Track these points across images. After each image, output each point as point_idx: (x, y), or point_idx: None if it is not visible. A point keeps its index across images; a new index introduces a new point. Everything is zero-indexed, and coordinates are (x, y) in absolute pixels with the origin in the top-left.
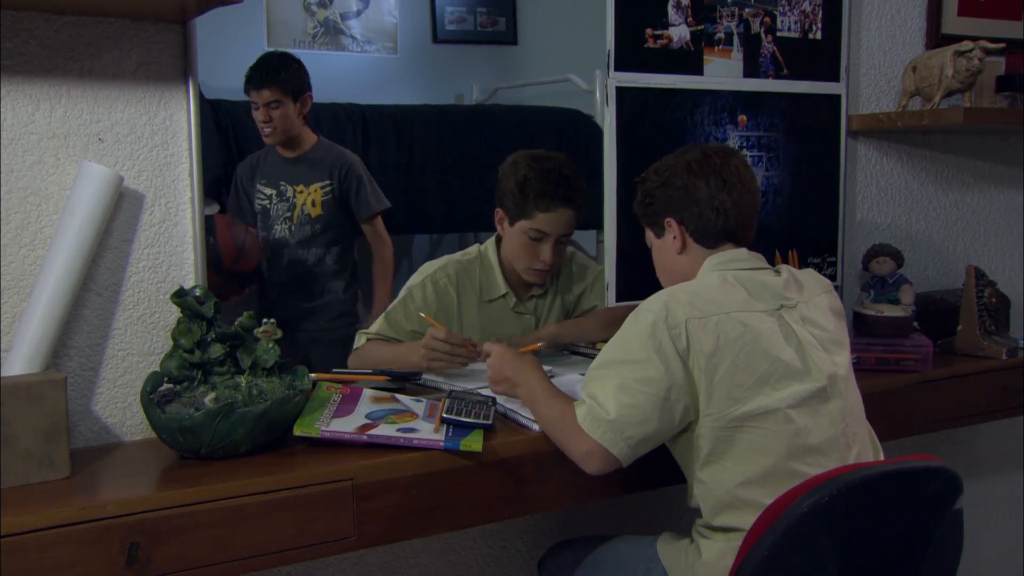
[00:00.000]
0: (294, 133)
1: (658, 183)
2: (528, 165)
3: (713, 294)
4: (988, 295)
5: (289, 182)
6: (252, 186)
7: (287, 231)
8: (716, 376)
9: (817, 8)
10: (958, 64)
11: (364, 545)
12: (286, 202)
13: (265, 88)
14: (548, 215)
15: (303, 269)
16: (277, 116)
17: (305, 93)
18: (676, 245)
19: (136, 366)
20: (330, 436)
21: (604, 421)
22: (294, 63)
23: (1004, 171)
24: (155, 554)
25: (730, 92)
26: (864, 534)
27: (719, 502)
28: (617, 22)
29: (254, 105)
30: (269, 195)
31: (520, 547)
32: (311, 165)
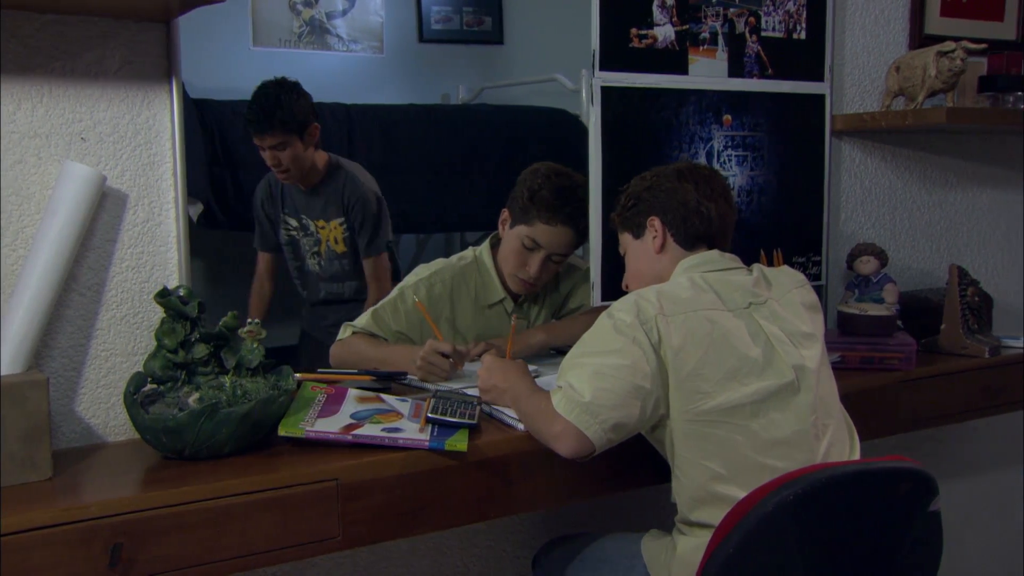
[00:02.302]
0: (306, 168)
1: (644, 186)
2: (546, 176)
3: (682, 294)
4: (971, 294)
5: (309, 216)
6: (276, 214)
7: (317, 266)
8: (683, 371)
9: (801, 8)
10: (941, 64)
11: (349, 545)
12: (311, 236)
13: (266, 133)
14: (547, 228)
15: (341, 299)
16: (286, 157)
17: (310, 125)
18: (655, 244)
19: (119, 366)
20: (315, 436)
21: (579, 403)
22: (292, 94)
23: (987, 171)
24: (138, 555)
25: (715, 92)
26: (832, 534)
27: (693, 498)
28: (602, 22)
29: (260, 148)
30: (295, 227)
31: (506, 547)
32: (328, 199)
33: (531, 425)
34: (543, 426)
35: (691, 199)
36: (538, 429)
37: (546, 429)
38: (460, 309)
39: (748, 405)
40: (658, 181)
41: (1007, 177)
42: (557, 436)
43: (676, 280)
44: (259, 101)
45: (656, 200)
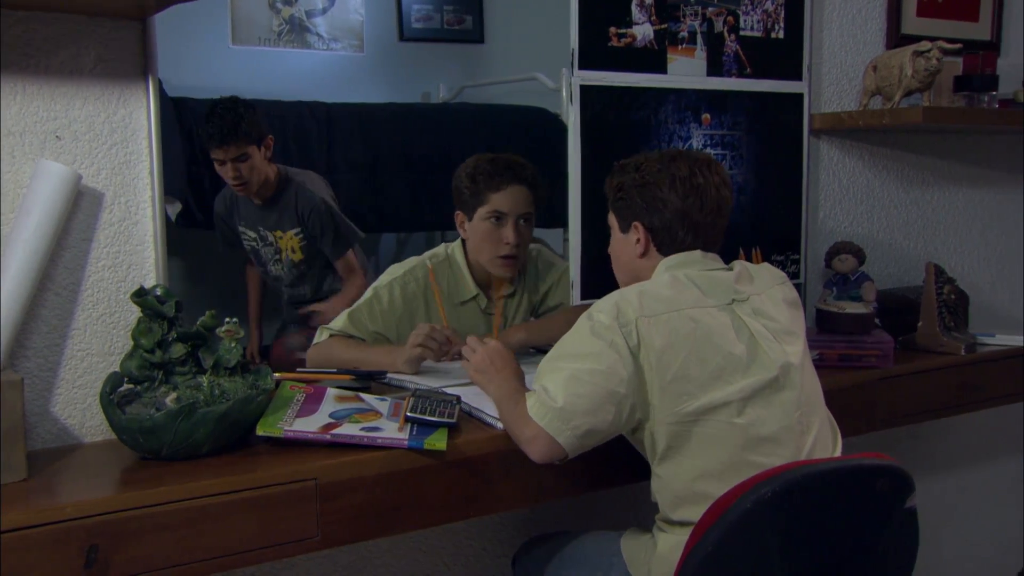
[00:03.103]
0: (263, 178)
1: (638, 182)
2: (475, 161)
3: (664, 293)
4: (947, 292)
5: (266, 227)
6: (234, 224)
7: (281, 271)
8: (669, 373)
9: (779, 8)
10: (917, 64)
11: (328, 545)
12: (270, 246)
13: (230, 144)
14: (501, 194)
15: (306, 299)
16: (246, 169)
17: (267, 136)
18: (638, 249)
19: (96, 366)
20: (293, 436)
21: (551, 409)
22: (249, 108)
23: (963, 170)
24: (114, 557)
25: (694, 91)
26: (809, 530)
27: (676, 496)
28: (581, 21)
29: (219, 162)
30: (253, 237)
31: (486, 545)
32: (281, 211)
33: (508, 426)
34: (517, 429)
35: (678, 211)
36: (513, 432)
37: (519, 432)
38: (434, 307)
39: (734, 403)
40: (650, 182)
41: (983, 176)
42: (529, 440)
43: (657, 278)
44: (220, 115)
45: (645, 206)
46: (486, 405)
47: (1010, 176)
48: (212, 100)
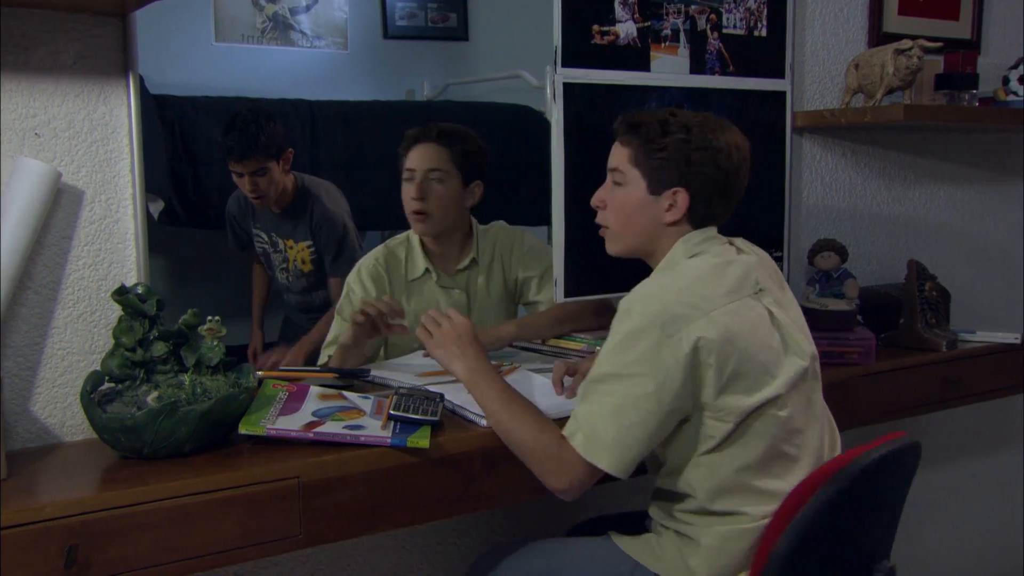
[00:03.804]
0: (280, 190)
1: (690, 146)
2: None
3: (701, 288)
4: (929, 289)
5: (279, 235)
6: (248, 226)
7: (287, 279)
8: (725, 374)
9: (762, 6)
10: (898, 62)
11: (311, 544)
12: (280, 253)
13: (250, 159)
14: (411, 152)
15: (309, 308)
16: (264, 183)
17: (286, 150)
18: (667, 215)
19: (76, 365)
20: (276, 434)
21: (604, 447)
22: (269, 121)
23: (944, 168)
24: (95, 557)
25: (677, 88)
26: (871, 512)
27: (719, 487)
28: (564, 18)
29: (237, 175)
30: (266, 241)
31: (471, 543)
32: (296, 221)
33: (529, 459)
34: (551, 474)
35: (725, 186)
36: (542, 471)
37: (555, 479)
38: (395, 286)
39: (780, 397)
40: (705, 149)
41: (964, 174)
42: (569, 488)
43: (686, 267)
44: (240, 128)
45: (694, 174)
46: (470, 403)
47: (990, 174)
48: (233, 112)
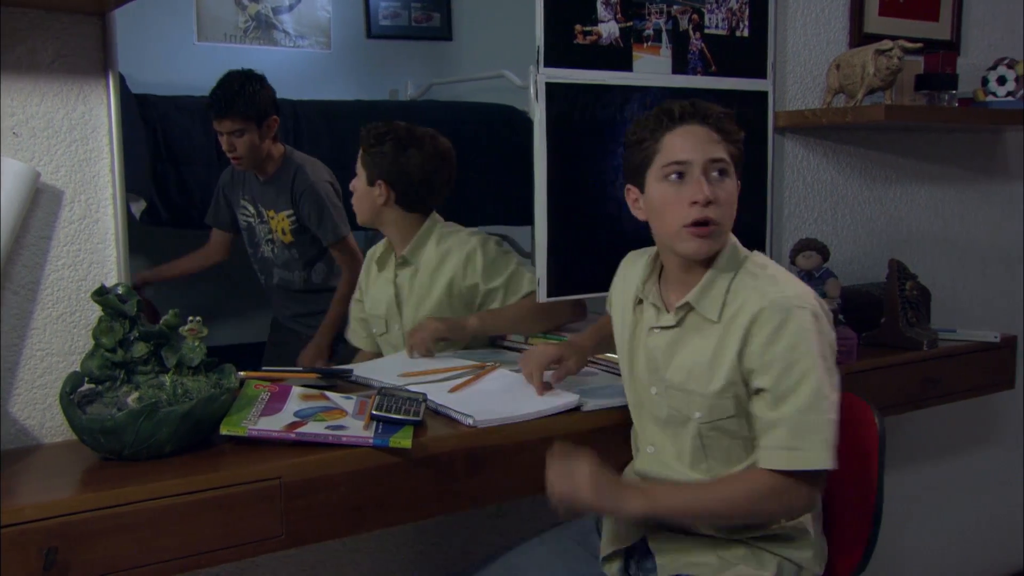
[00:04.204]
0: (262, 156)
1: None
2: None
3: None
4: (909, 288)
5: (263, 205)
6: (236, 199)
7: (271, 252)
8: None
9: (744, 6)
10: (879, 62)
11: (293, 544)
12: (265, 224)
13: (225, 118)
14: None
15: (294, 287)
16: (241, 145)
17: (270, 117)
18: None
19: (56, 366)
20: (257, 435)
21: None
22: (255, 84)
23: (924, 167)
24: (74, 559)
25: (659, 88)
26: None
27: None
28: (547, 18)
29: (218, 133)
30: (252, 213)
31: (454, 543)
32: (278, 189)
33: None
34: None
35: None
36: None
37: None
38: (372, 265)
39: None
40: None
41: (944, 174)
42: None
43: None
44: (222, 87)
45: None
46: (452, 402)
47: (970, 174)
48: (228, 71)
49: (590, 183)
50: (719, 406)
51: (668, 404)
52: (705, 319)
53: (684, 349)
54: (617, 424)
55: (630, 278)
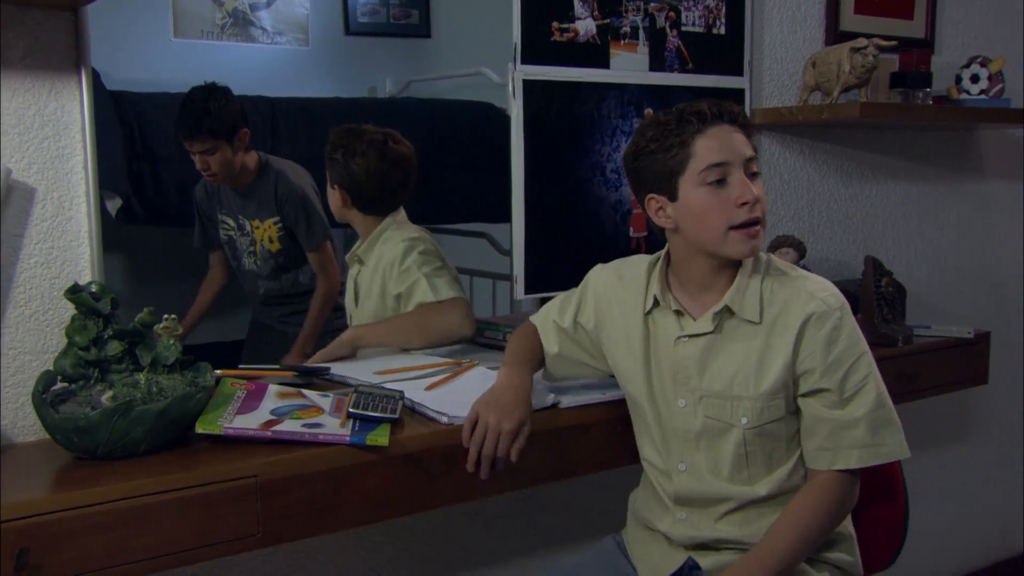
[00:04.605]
0: (236, 171)
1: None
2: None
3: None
4: (885, 284)
5: (245, 216)
6: (214, 213)
7: (254, 264)
8: None
9: (720, 4)
10: (854, 60)
11: (270, 543)
12: (247, 236)
13: (195, 139)
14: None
15: (280, 294)
16: (215, 162)
17: (240, 130)
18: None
19: (28, 365)
20: (233, 433)
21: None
22: (220, 99)
23: (900, 164)
24: (47, 560)
25: (636, 85)
26: None
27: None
28: (523, 15)
29: (190, 152)
30: (232, 227)
31: (431, 540)
32: (260, 200)
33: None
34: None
35: None
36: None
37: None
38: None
39: None
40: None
41: (919, 171)
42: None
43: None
44: (188, 108)
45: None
46: (429, 400)
47: (944, 171)
48: (191, 88)
49: (567, 180)
50: (770, 408)
51: (704, 414)
52: (746, 322)
53: (722, 355)
54: (592, 421)
55: (629, 288)
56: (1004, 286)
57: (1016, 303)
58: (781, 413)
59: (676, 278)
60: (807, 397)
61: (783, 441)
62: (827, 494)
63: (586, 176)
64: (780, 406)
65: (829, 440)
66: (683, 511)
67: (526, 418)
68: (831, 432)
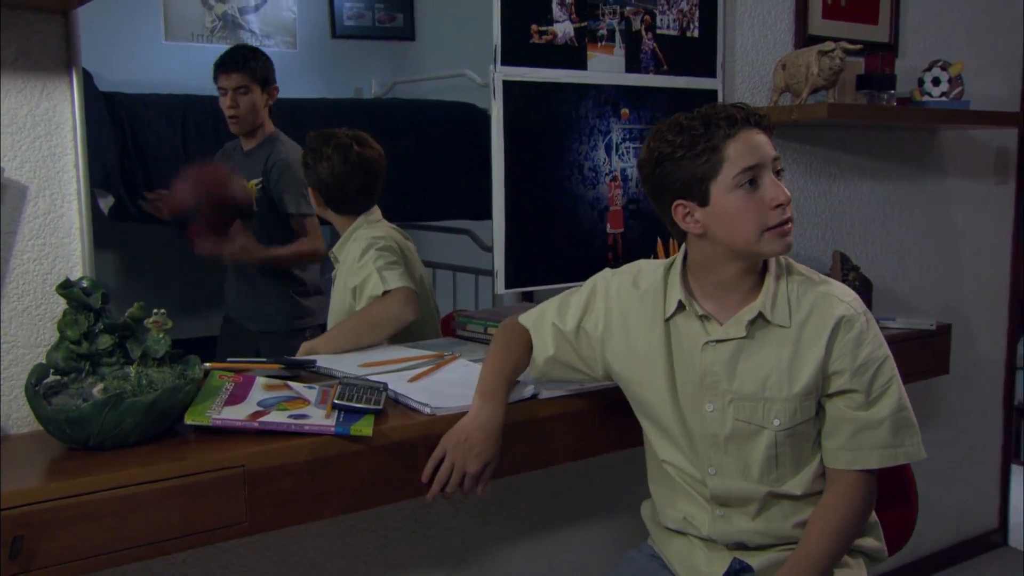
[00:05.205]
0: (259, 122)
1: None
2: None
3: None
4: (852, 278)
5: (243, 174)
6: None
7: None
8: None
9: (694, 8)
10: (822, 63)
11: (257, 530)
12: None
13: (235, 72)
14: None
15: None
16: (244, 103)
17: (273, 84)
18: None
19: (22, 358)
20: (221, 424)
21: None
22: (264, 56)
23: (866, 163)
24: (40, 547)
25: (613, 86)
26: None
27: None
28: (503, 18)
29: (222, 91)
30: None
31: (414, 528)
32: (255, 160)
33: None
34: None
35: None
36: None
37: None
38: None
39: None
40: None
41: (884, 170)
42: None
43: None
44: (232, 50)
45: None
46: (412, 391)
47: (909, 170)
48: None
49: (547, 178)
50: (802, 408)
51: (734, 417)
52: (776, 326)
53: (753, 358)
54: (570, 411)
55: (647, 295)
56: (963, 279)
57: (974, 296)
58: (812, 413)
59: (697, 282)
60: (833, 397)
61: (810, 441)
62: (854, 495)
63: (565, 174)
64: (811, 407)
65: (852, 441)
66: (721, 509)
67: (492, 459)
68: (854, 432)
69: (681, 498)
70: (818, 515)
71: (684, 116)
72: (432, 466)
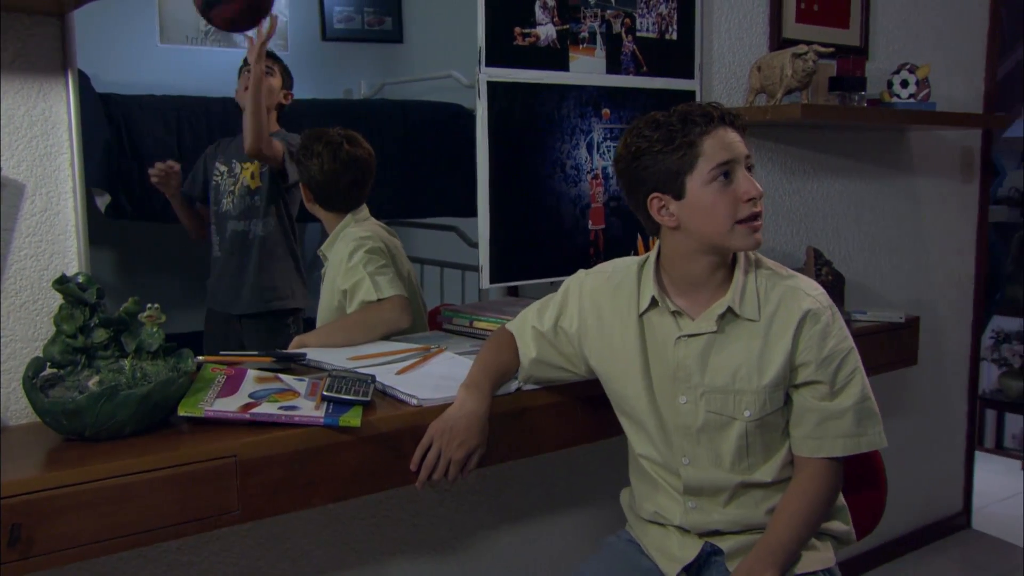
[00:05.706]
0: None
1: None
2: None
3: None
4: (825, 273)
5: (240, 160)
6: (212, 164)
7: (231, 204)
8: None
9: (673, 11)
10: (796, 65)
11: (248, 519)
12: (233, 177)
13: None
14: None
15: (240, 241)
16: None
17: (290, 88)
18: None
19: (19, 352)
20: (213, 415)
21: (878, 421)
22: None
23: (838, 162)
24: (38, 534)
25: (594, 87)
26: None
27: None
28: (487, 21)
29: (247, 71)
30: (222, 172)
31: (402, 516)
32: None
33: (829, 505)
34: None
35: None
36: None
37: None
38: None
39: None
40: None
41: (855, 168)
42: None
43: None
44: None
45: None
46: (400, 383)
47: (879, 168)
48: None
49: (530, 176)
50: (771, 399)
51: (706, 409)
52: (745, 320)
53: (723, 351)
54: (554, 402)
55: (620, 291)
56: (931, 273)
57: (941, 289)
58: (781, 403)
59: (668, 278)
60: (800, 388)
61: (779, 431)
62: (820, 481)
63: (547, 172)
64: (780, 397)
65: (817, 429)
66: (692, 500)
67: (477, 446)
68: (819, 422)
69: (655, 491)
70: (786, 500)
71: (660, 114)
72: (420, 454)
